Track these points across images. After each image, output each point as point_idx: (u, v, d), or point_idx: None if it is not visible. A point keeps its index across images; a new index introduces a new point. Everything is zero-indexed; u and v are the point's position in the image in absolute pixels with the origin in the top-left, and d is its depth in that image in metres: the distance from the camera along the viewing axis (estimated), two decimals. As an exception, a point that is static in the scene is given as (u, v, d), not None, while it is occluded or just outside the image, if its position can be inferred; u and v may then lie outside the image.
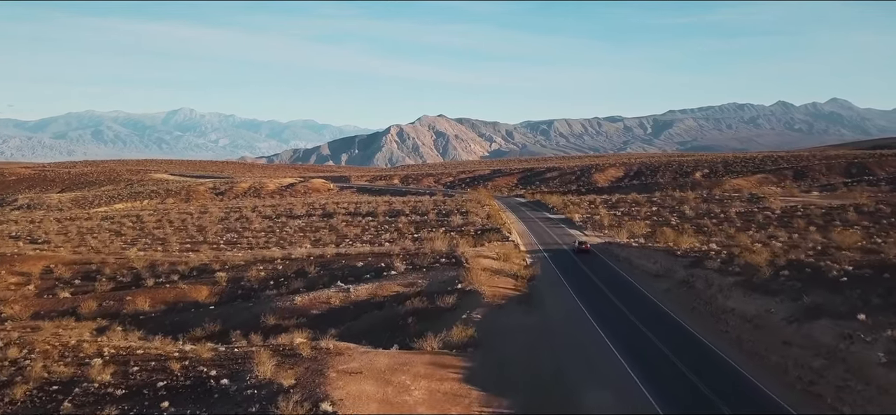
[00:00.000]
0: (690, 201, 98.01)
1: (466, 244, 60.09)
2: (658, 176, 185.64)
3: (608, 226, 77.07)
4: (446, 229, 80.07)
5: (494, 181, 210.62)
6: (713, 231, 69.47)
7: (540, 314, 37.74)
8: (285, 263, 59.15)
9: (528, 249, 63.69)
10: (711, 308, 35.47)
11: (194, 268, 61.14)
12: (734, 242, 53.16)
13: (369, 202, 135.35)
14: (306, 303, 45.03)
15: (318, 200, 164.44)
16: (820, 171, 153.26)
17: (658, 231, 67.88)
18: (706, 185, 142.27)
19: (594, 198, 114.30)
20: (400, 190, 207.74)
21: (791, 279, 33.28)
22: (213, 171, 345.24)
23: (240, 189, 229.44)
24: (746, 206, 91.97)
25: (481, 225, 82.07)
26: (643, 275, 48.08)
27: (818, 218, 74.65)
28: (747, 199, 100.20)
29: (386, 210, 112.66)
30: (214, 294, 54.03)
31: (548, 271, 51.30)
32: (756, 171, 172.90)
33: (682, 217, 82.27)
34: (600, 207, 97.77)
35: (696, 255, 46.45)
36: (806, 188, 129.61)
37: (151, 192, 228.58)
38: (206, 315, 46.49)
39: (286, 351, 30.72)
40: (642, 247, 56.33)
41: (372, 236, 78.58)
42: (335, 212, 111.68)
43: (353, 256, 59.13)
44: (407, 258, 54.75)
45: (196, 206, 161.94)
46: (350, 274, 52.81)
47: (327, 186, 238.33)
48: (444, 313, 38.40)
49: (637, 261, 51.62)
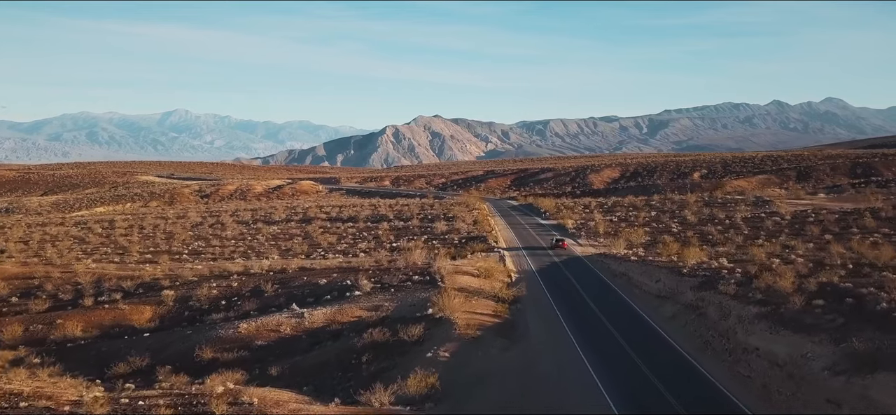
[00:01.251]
0: (692, 205, 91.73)
1: (445, 257, 53.72)
2: (655, 177, 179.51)
3: (604, 234, 70.71)
4: (428, 238, 73.74)
5: (487, 183, 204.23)
6: (719, 240, 63.16)
7: (522, 352, 31.38)
8: (242, 279, 52.74)
9: (515, 262, 57.31)
10: (729, 345, 29.14)
11: (142, 284, 54.69)
12: (747, 256, 46.80)
13: (354, 206, 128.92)
14: (252, 331, 38.60)
15: (302, 203, 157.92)
16: (824, 171, 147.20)
17: (659, 241, 61.58)
18: (706, 186, 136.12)
19: (589, 201, 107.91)
20: (390, 192, 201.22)
21: (829, 312, 26.95)
22: (202, 172, 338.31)
23: (225, 191, 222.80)
24: (752, 210, 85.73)
25: (467, 232, 75.73)
26: (644, 296, 41.72)
27: (833, 225, 68.40)
28: (752, 202, 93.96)
29: (369, 215, 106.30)
30: (157, 316, 47.62)
31: (535, 291, 44.90)
32: (757, 171, 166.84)
33: (683, 223, 75.99)
34: (595, 211, 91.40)
35: (705, 273, 40.10)
36: (812, 190, 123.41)
37: (135, 195, 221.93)
38: (138, 345, 40.06)
39: (198, 407, 24.33)
40: (642, 260, 50.02)
41: (347, 246, 72.18)
42: (315, 217, 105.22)
43: (318, 272, 52.75)
44: (377, 274, 48.41)
45: (175, 210, 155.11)
46: (311, 293, 46.42)
47: (315, 188, 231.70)
48: (408, 348, 32.07)
49: (637, 278, 45.25)
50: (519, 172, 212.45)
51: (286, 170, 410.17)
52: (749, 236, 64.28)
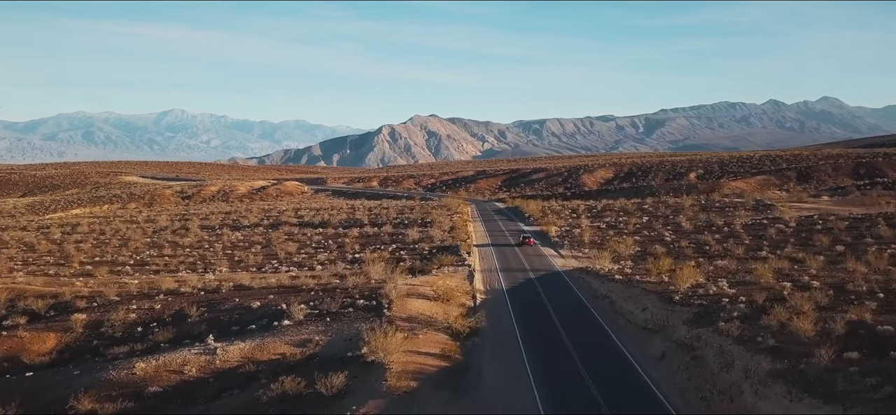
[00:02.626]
0: (687, 210, 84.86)
1: (403, 274, 46.70)
2: (650, 178, 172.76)
3: (589, 243, 63.66)
4: (397, 247, 66.79)
5: (477, 183, 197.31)
6: (717, 251, 56.23)
7: (468, 411, 24.39)
8: (168, 300, 45.70)
9: (486, 279, 50.27)
10: (735, 409, 22.22)
11: (56, 305, 47.60)
12: (751, 275, 39.87)
13: (333, 209, 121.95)
14: (149, 373, 31.58)
15: (281, 206, 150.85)
16: (826, 172, 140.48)
17: (650, 253, 54.63)
18: (702, 188, 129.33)
19: (578, 204, 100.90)
20: (376, 193, 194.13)
21: (868, 371, 20.05)
22: (190, 173, 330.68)
23: (207, 193, 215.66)
24: (753, 215, 78.93)
25: (440, 241, 68.74)
26: (629, 328, 34.74)
27: (844, 233, 61.60)
28: (752, 206, 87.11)
29: (343, 219, 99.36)
30: (61, 345, 40.56)
31: (500, 320, 37.87)
32: (755, 172, 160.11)
33: (678, 231, 69.11)
34: (583, 216, 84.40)
35: (701, 301, 33.16)
36: (814, 192, 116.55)
37: (113, 196, 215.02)
38: (13, 389, 33.01)
39: None
40: (628, 279, 43.09)
41: (306, 256, 65.13)
42: (285, 222, 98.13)
43: (254, 292, 45.74)
44: (318, 297, 41.42)
45: (149, 212, 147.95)
46: (239, 320, 39.43)
47: (301, 188, 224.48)
48: (325, 404, 25.14)
49: (621, 303, 38.27)
50: (510, 173, 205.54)
51: (276, 170, 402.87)
52: (751, 248, 57.45)
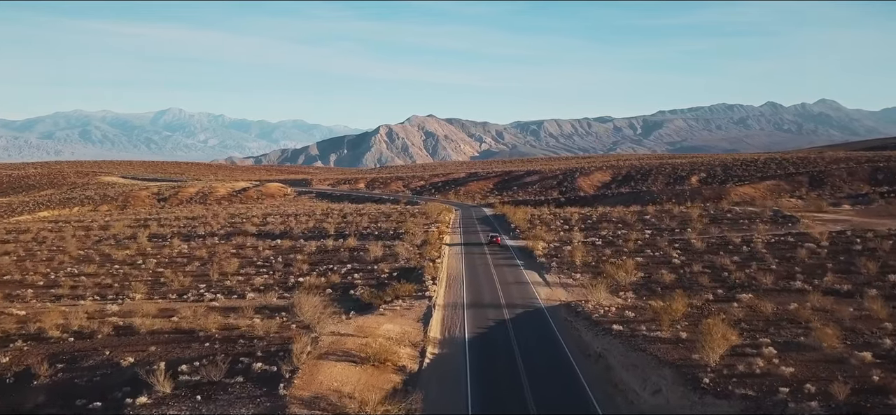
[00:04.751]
0: (695, 222, 73.75)
1: (335, 317, 35.61)
2: (650, 181, 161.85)
3: (581, 266, 52.50)
4: (352, 268, 55.75)
5: (468, 186, 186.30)
6: (739, 279, 45.21)
7: None
8: (21, 350, 34.69)
9: (446, 320, 39.04)
10: None
11: None
12: (805, 333, 28.90)
13: (303, 215, 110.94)
14: None
15: (254, 210, 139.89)
16: (840, 177, 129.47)
17: (655, 286, 43.56)
18: (707, 194, 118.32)
19: (572, 213, 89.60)
20: (360, 196, 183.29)
21: None
22: (176, 173, 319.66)
23: (185, 195, 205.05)
24: (773, 229, 67.87)
25: (405, 261, 57.65)
26: (633, 419, 23.73)
27: (891, 254, 50.71)
28: (770, 218, 76.01)
29: (308, 228, 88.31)
30: None
31: (447, 398, 26.65)
32: (761, 176, 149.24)
33: (687, 251, 58.09)
34: (576, 228, 73.14)
35: (746, 389, 22.15)
36: (833, 200, 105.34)
37: (86, 198, 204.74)
38: None
39: None
40: (631, 331, 32.08)
41: (242, 280, 54.04)
42: (243, 231, 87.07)
43: (137, 341, 34.71)
44: (211, 352, 30.44)
45: (110, 217, 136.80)
46: (93, 387, 28.53)
47: (283, 190, 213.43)
48: None
49: (622, 373, 27.15)
50: (503, 176, 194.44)
51: (266, 170, 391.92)
52: (781, 275, 46.48)
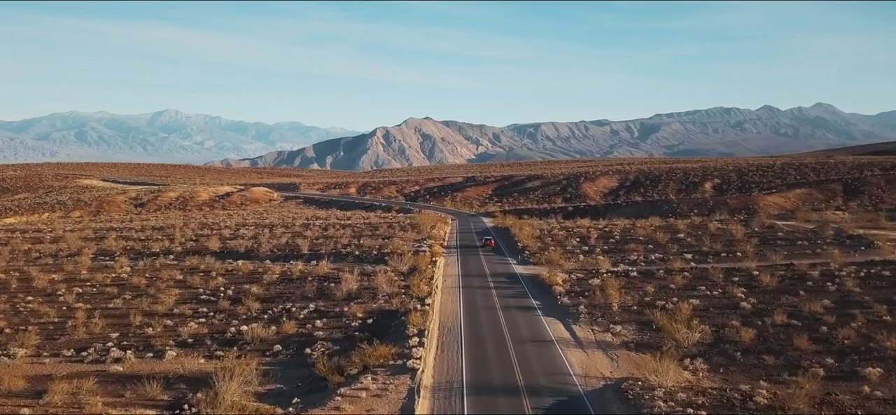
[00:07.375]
0: (742, 243, 61.48)
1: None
2: (661, 188, 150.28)
3: (619, 310, 40.18)
4: (314, 312, 43.88)
5: (465, 192, 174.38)
6: (849, 341, 33.41)
7: None
8: None
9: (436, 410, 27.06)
10: None
11: None
12: None
13: (281, 226, 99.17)
14: None
15: (233, 218, 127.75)
16: (877, 185, 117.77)
17: (735, 358, 31.70)
18: (733, 204, 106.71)
19: (587, 227, 77.59)
20: (350, 202, 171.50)
21: None
22: (162, 176, 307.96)
23: (165, 199, 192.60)
24: (846, 254, 55.62)
25: (385, 299, 45.79)
26: None
27: None
28: (834, 238, 63.14)
29: (276, 246, 76.03)
30: None
31: None
32: (782, 182, 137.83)
33: (752, 288, 46.11)
34: (598, 251, 61.07)
35: None
36: (886, 213, 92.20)
37: (57, 203, 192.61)
38: None
39: None
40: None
41: (168, 327, 42.11)
42: (207, 248, 75.03)
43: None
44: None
45: (72, 226, 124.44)
46: None
47: (269, 195, 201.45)
48: None
49: None
50: (502, 180, 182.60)
51: (258, 173, 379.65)
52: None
